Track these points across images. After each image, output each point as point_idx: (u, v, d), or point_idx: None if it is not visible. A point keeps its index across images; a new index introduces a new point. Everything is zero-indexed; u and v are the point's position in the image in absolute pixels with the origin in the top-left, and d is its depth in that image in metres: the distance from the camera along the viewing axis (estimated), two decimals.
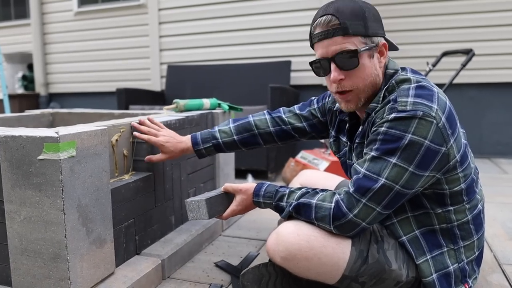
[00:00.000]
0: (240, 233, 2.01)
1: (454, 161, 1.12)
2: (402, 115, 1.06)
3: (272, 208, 1.30)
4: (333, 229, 1.15)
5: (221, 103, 2.21)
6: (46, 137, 1.12)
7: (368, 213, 1.11)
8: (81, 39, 4.99)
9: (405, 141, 1.06)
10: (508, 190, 2.77)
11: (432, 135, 1.06)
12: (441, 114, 1.07)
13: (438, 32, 4.00)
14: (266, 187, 1.30)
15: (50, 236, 1.16)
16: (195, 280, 1.53)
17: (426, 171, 1.09)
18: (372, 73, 1.18)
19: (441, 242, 1.20)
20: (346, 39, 1.13)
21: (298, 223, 1.21)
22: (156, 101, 4.13)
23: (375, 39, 1.16)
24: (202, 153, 1.57)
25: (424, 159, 1.06)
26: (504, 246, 1.82)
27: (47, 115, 2.29)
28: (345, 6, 1.13)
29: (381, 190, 1.08)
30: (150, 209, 1.60)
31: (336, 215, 1.13)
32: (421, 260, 1.19)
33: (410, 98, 1.09)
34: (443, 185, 1.15)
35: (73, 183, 1.16)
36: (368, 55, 1.16)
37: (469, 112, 4.07)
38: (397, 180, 1.07)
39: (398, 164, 1.07)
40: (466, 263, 1.22)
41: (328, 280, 1.21)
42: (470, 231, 1.21)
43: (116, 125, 1.52)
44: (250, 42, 4.11)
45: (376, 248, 1.19)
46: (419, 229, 1.20)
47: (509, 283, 1.48)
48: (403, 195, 1.10)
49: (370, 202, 1.10)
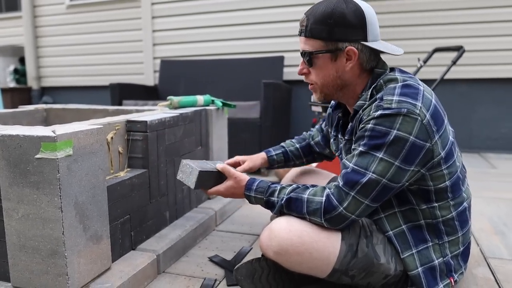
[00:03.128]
0: (233, 228, 2.05)
1: (438, 157, 1.16)
2: (388, 112, 1.12)
3: (263, 203, 1.33)
4: (324, 222, 1.19)
5: (214, 100, 2.23)
6: (44, 136, 1.14)
7: (357, 206, 1.16)
8: (73, 33, 4.97)
9: (391, 137, 1.11)
10: (496, 185, 2.83)
11: (417, 131, 1.11)
12: (425, 111, 1.12)
13: (429, 28, 4.04)
14: (258, 183, 1.34)
15: (48, 233, 1.18)
16: (190, 275, 1.56)
17: (412, 165, 1.13)
18: (332, 74, 1.26)
19: (427, 237, 1.25)
20: (308, 41, 1.25)
21: (290, 219, 1.25)
22: (150, 96, 4.14)
23: (340, 44, 1.21)
24: (273, 159, 1.69)
25: (409, 154, 1.12)
26: (490, 240, 1.87)
27: (41, 111, 2.30)
28: (319, 11, 1.21)
29: (369, 183, 1.13)
30: (145, 205, 1.63)
31: (327, 209, 1.18)
32: (407, 254, 1.24)
33: (395, 97, 1.14)
34: (428, 181, 1.19)
35: (70, 181, 1.19)
36: (329, 57, 1.24)
37: (460, 108, 4.12)
38: (383, 173, 1.12)
39: (384, 158, 1.12)
40: (450, 257, 1.26)
41: (319, 273, 1.25)
42: (455, 227, 1.25)
43: (111, 122, 1.54)
44: (243, 37, 4.13)
45: (365, 243, 1.23)
46: (405, 224, 1.25)
47: (494, 276, 1.53)
48: (390, 188, 1.15)
49: (359, 195, 1.15)
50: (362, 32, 1.20)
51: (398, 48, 1.28)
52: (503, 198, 2.52)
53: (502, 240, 1.86)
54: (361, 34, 1.21)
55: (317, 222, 1.21)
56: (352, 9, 1.19)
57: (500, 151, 4.07)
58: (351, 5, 1.20)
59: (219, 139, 2.27)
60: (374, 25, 1.23)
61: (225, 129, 2.35)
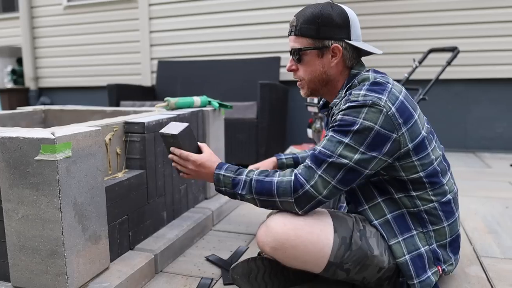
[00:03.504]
0: (230, 228, 2.07)
1: (406, 148, 1.23)
2: (354, 104, 1.22)
3: (230, 182, 1.33)
4: (294, 203, 1.24)
5: (211, 101, 2.25)
6: (43, 138, 1.16)
7: (324, 186, 1.22)
8: (71, 34, 4.98)
9: (357, 125, 1.20)
10: (491, 185, 2.86)
11: (381, 121, 1.19)
12: (390, 104, 1.21)
13: (424, 28, 4.07)
14: (229, 164, 1.39)
15: (48, 234, 1.20)
16: (187, 274, 1.58)
17: (377, 153, 1.20)
18: (318, 69, 1.36)
19: (411, 225, 1.31)
20: (297, 39, 1.35)
21: (285, 214, 1.29)
22: (147, 96, 4.16)
23: (326, 42, 1.32)
24: (283, 162, 1.71)
25: (374, 142, 1.20)
26: (483, 239, 1.90)
27: (39, 112, 2.32)
28: (308, 12, 1.32)
29: (335, 164, 1.20)
30: (143, 206, 1.65)
31: (295, 186, 1.23)
32: (393, 241, 1.29)
33: (362, 91, 1.25)
34: (400, 172, 1.27)
35: (69, 183, 1.21)
36: (317, 54, 1.34)
37: (455, 107, 4.16)
38: (349, 157, 1.20)
39: (350, 144, 1.20)
40: (437, 246, 1.31)
41: (315, 267, 1.29)
42: (439, 217, 1.30)
43: (109, 124, 1.56)
44: (240, 38, 4.15)
45: (359, 236, 1.28)
46: (390, 213, 1.31)
47: (486, 275, 1.55)
48: (357, 172, 1.21)
49: (325, 175, 1.21)
50: (346, 32, 1.32)
51: (378, 49, 1.38)
52: (497, 197, 2.55)
53: (495, 239, 1.89)
54: (345, 33, 1.32)
55: (288, 204, 1.26)
56: (337, 11, 1.31)
57: (495, 151, 4.10)
58: (337, 8, 1.32)
59: (216, 139, 2.29)
60: (356, 26, 1.34)
61: (222, 130, 2.37)
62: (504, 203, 2.43)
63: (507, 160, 3.72)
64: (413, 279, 1.27)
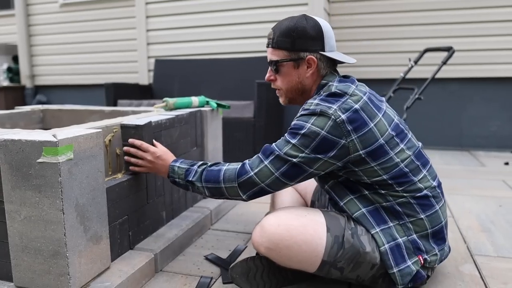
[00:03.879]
0: (228, 227, 2.10)
1: (356, 154, 1.28)
2: (305, 112, 1.32)
3: (182, 173, 1.47)
4: (237, 187, 1.35)
5: (209, 101, 2.27)
6: (45, 141, 1.18)
7: (267, 175, 1.32)
8: (67, 31, 4.97)
9: (305, 129, 1.28)
10: (485, 183, 2.90)
11: (328, 128, 1.26)
12: (340, 113, 1.27)
13: (420, 28, 4.10)
14: (185, 160, 1.52)
15: (50, 235, 1.22)
16: (187, 273, 1.61)
17: (323, 156, 1.28)
18: (294, 80, 1.43)
19: (386, 218, 1.35)
20: (274, 51, 1.43)
21: (278, 214, 1.34)
22: (144, 95, 4.17)
23: (302, 53, 1.39)
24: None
25: (320, 145, 1.27)
26: (477, 237, 1.94)
27: (37, 112, 2.33)
28: (284, 25, 1.39)
29: (281, 158, 1.30)
30: (143, 206, 1.67)
31: (240, 172, 1.35)
32: (373, 231, 1.33)
33: (315, 101, 1.33)
34: (362, 176, 1.33)
35: (71, 184, 1.23)
36: (293, 65, 1.41)
37: (450, 106, 4.20)
38: (293, 156, 1.29)
39: (296, 145, 1.29)
40: (417, 237, 1.35)
41: (309, 267, 1.32)
42: (415, 209, 1.34)
43: (109, 125, 1.58)
44: (237, 36, 4.16)
45: (350, 234, 1.32)
46: (364, 208, 1.36)
47: (480, 273, 1.59)
48: (300, 169, 1.30)
49: (271, 166, 1.31)
50: (320, 43, 1.39)
51: (352, 58, 1.46)
52: (491, 196, 2.59)
53: (488, 238, 1.93)
54: (319, 45, 1.39)
55: (232, 190, 1.36)
56: (311, 24, 1.38)
57: (490, 149, 4.15)
58: (311, 21, 1.38)
59: (214, 139, 2.31)
60: (330, 37, 1.41)
61: (219, 130, 2.39)
62: (497, 202, 2.47)
63: (501, 158, 3.77)
64: (393, 268, 1.31)
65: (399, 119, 1.40)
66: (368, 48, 4.26)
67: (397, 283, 1.32)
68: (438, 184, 1.41)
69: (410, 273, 1.32)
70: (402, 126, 1.38)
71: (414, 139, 1.41)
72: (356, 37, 4.27)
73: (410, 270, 1.32)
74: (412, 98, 3.27)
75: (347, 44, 4.30)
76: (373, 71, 4.28)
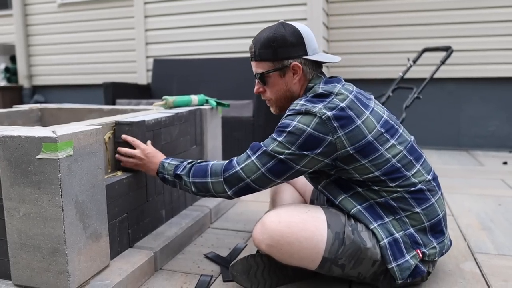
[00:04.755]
0: (228, 225, 2.09)
1: (344, 151, 1.28)
2: (291, 112, 1.34)
3: (172, 169, 1.48)
4: (223, 181, 1.36)
5: (209, 99, 2.26)
6: (45, 137, 1.17)
7: (253, 170, 1.33)
8: (65, 31, 4.96)
9: (291, 127, 1.29)
10: (483, 182, 2.90)
11: (314, 125, 1.27)
12: (325, 110, 1.28)
13: (418, 28, 4.10)
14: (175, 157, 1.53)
15: (49, 232, 1.21)
16: (186, 271, 1.60)
17: (309, 152, 1.28)
18: (282, 88, 1.44)
19: (382, 214, 1.35)
20: (258, 64, 1.44)
21: (279, 211, 1.34)
22: (143, 94, 4.15)
23: (285, 61, 1.40)
24: None
25: (306, 142, 1.27)
26: (477, 235, 1.93)
27: (35, 111, 2.31)
28: (263, 37, 1.40)
29: (268, 154, 1.31)
30: (142, 204, 1.66)
31: (227, 167, 1.37)
32: (371, 226, 1.33)
33: (300, 102, 1.35)
34: (353, 174, 1.33)
35: (71, 181, 1.22)
36: (278, 74, 1.42)
37: (448, 106, 4.20)
38: (279, 152, 1.29)
39: (282, 142, 1.30)
40: (414, 231, 1.34)
41: (310, 264, 1.32)
42: (410, 203, 1.34)
43: (108, 123, 1.57)
44: (236, 36, 4.15)
45: (351, 230, 1.32)
46: (360, 205, 1.36)
47: (480, 271, 1.58)
48: (287, 165, 1.30)
49: (258, 161, 1.32)
50: (302, 48, 1.40)
51: (336, 57, 1.46)
52: (490, 195, 2.59)
53: (489, 236, 1.93)
54: (301, 50, 1.40)
55: (218, 185, 1.37)
56: (290, 31, 1.38)
57: (488, 149, 4.15)
58: (289, 28, 1.39)
59: (213, 138, 2.30)
60: (311, 40, 1.41)
61: (219, 128, 2.38)
62: (497, 200, 2.47)
63: (499, 158, 3.77)
64: (391, 262, 1.31)
65: (389, 115, 1.40)
66: (367, 48, 4.26)
67: (396, 278, 1.31)
68: (434, 177, 1.40)
69: (409, 268, 1.32)
70: (392, 121, 1.38)
71: (406, 134, 1.41)
72: (354, 37, 4.28)
73: (408, 264, 1.32)
74: (411, 97, 3.27)
75: (346, 44, 4.31)
76: (372, 71, 4.28)
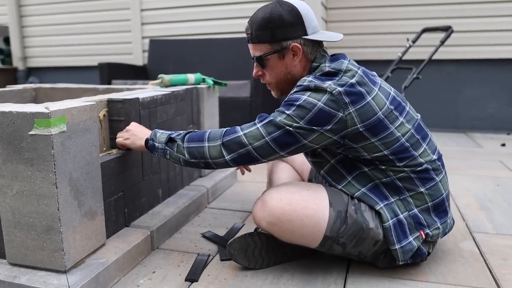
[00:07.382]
0: (225, 205, 2.07)
1: (354, 128, 1.23)
2: (299, 88, 1.28)
3: (164, 137, 1.39)
4: (221, 145, 1.29)
5: (205, 78, 2.23)
6: (37, 112, 1.14)
7: (257, 137, 1.26)
8: (59, 12, 4.86)
9: (300, 101, 1.24)
10: (482, 163, 2.89)
11: (325, 100, 1.22)
12: (335, 86, 1.23)
13: (417, 8, 4.04)
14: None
15: (43, 209, 1.19)
16: (183, 250, 1.59)
17: (319, 128, 1.23)
18: (282, 71, 1.38)
19: (386, 194, 1.32)
20: (256, 46, 1.37)
21: (280, 189, 1.32)
22: (139, 75, 4.10)
23: (284, 43, 1.32)
24: None
25: (316, 117, 1.22)
26: (476, 215, 1.93)
27: (29, 90, 2.27)
28: (259, 17, 1.32)
29: (275, 124, 1.25)
30: (138, 182, 1.64)
31: (228, 132, 1.30)
32: (377, 207, 1.30)
33: (308, 78, 1.29)
34: (362, 152, 1.28)
35: (64, 158, 1.19)
36: (277, 56, 1.35)
37: (447, 88, 4.17)
38: (288, 124, 1.23)
39: (291, 115, 1.24)
40: (418, 211, 1.32)
41: (311, 242, 1.30)
42: (415, 183, 1.31)
43: (103, 100, 1.54)
44: (233, 16, 4.09)
45: (354, 210, 1.29)
46: (364, 187, 1.32)
47: (479, 249, 1.58)
48: (293, 137, 1.24)
49: (263, 129, 1.26)
50: (301, 28, 1.32)
51: (337, 34, 1.38)
52: (488, 176, 2.58)
53: (487, 216, 1.92)
54: (300, 30, 1.32)
55: (215, 149, 1.29)
56: (287, 10, 1.30)
57: (486, 131, 4.13)
58: (286, 6, 1.31)
59: (210, 117, 2.27)
60: (310, 19, 1.33)
61: (216, 108, 2.35)
62: (495, 181, 2.46)
63: (497, 140, 3.76)
64: (395, 244, 1.29)
65: (395, 91, 1.37)
66: (366, 29, 4.20)
67: (398, 260, 1.30)
68: (439, 156, 1.38)
69: (411, 250, 1.30)
70: (399, 98, 1.35)
71: (413, 111, 1.37)
72: (353, 17, 4.22)
73: (411, 246, 1.30)
74: (410, 78, 3.24)
75: (345, 25, 4.25)
76: (371, 52, 4.23)
